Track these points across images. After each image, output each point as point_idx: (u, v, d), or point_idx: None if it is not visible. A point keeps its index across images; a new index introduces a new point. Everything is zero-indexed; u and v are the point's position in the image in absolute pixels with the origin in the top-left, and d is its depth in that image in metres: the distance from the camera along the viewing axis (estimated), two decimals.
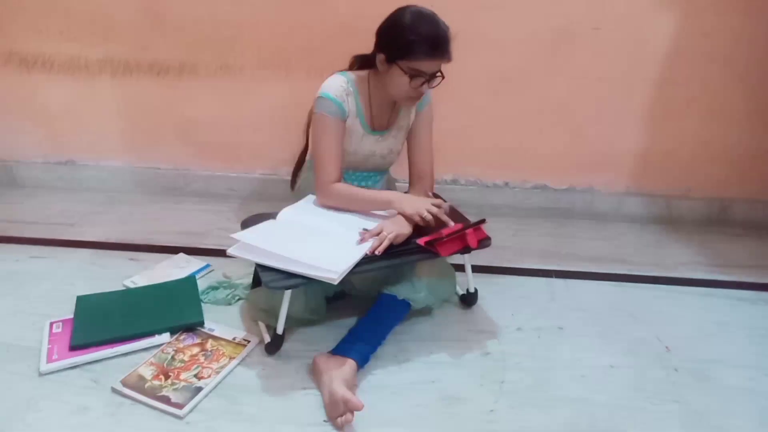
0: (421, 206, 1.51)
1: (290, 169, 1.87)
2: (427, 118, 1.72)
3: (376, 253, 1.43)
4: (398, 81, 1.51)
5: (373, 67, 1.59)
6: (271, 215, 1.61)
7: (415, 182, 1.73)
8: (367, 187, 1.76)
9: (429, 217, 1.50)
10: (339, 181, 1.61)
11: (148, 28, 2.21)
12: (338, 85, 1.58)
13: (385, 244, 1.44)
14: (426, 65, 1.49)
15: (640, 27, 2.05)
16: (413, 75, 1.49)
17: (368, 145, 1.68)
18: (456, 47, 2.10)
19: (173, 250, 2.01)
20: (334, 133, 1.58)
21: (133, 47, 2.26)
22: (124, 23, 2.22)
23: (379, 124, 1.68)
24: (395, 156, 1.76)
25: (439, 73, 1.53)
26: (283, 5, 2.12)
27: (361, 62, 1.65)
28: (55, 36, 2.26)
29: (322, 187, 1.61)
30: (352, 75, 1.63)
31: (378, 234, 1.47)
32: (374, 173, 1.77)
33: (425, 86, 1.53)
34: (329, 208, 1.63)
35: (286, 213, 1.62)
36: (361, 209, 1.60)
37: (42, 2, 2.21)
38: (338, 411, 1.30)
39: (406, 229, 1.50)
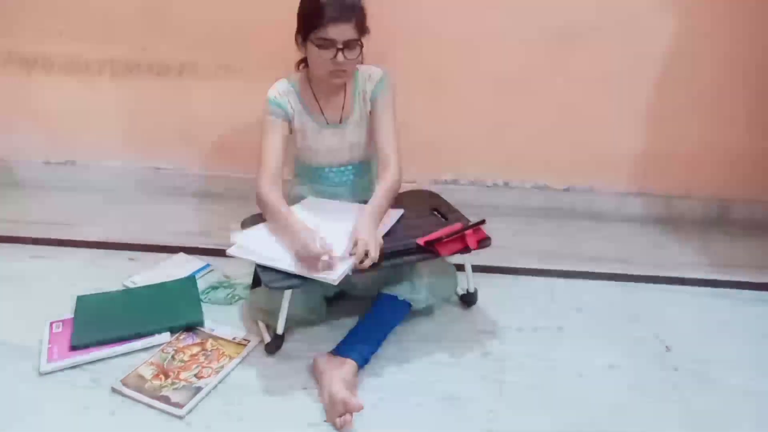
0: (299, 255, 1.41)
1: (290, 168, 1.87)
2: (385, 101, 1.66)
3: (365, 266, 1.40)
4: (314, 57, 1.55)
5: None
6: None
7: (381, 172, 1.65)
8: (350, 182, 1.74)
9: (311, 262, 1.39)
10: (275, 179, 1.61)
11: (148, 28, 2.21)
12: (278, 87, 1.66)
13: (370, 258, 1.40)
14: (333, 31, 1.48)
15: (640, 27, 2.05)
16: (323, 45, 1.50)
17: (327, 139, 1.69)
18: (456, 47, 2.11)
19: (173, 250, 2.01)
20: (274, 133, 1.64)
21: (133, 47, 2.25)
22: (124, 23, 2.21)
23: (333, 116, 1.69)
24: (363, 150, 1.73)
25: (356, 42, 1.52)
26: (283, 5, 2.11)
27: (304, 62, 1.68)
28: (55, 36, 2.26)
29: (257, 185, 1.60)
30: (294, 76, 1.68)
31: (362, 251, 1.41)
32: (351, 166, 1.75)
33: (340, 55, 1.50)
34: (327, 209, 1.64)
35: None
36: (272, 228, 1.55)
37: (42, 2, 2.21)
38: (338, 411, 1.30)
39: (375, 231, 1.47)
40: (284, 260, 1.40)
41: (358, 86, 1.67)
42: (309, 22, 1.51)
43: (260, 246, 1.45)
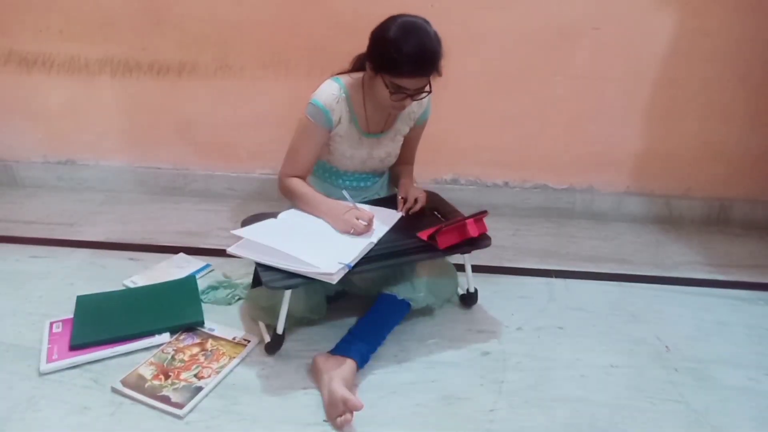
0: (348, 224, 1.52)
1: None
2: (422, 127, 1.77)
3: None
4: (381, 91, 1.50)
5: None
6: (271, 215, 1.61)
7: (403, 166, 1.81)
8: (366, 187, 1.76)
9: (360, 227, 1.51)
10: (303, 177, 1.66)
11: (148, 28, 2.21)
12: (330, 92, 1.57)
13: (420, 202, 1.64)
14: (408, 83, 1.46)
15: (640, 27, 2.05)
16: (394, 91, 1.47)
17: (365, 149, 1.68)
18: (456, 47, 2.11)
19: (173, 250, 2.01)
20: (312, 138, 1.61)
21: (133, 47, 2.25)
22: (124, 23, 2.21)
23: (375, 127, 1.67)
24: (393, 159, 1.76)
25: (426, 88, 1.50)
26: (283, 5, 2.12)
27: (362, 61, 1.63)
28: (55, 36, 2.26)
29: (281, 177, 1.66)
30: (346, 79, 1.61)
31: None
32: (373, 175, 1.77)
33: (408, 101, 1.51)
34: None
35: (287, 213, 1.62)
36: (301, 208, 1.63)
37: (42, 2, 2.21)
38: (337, 411, 1.30)
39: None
40: (284, 259, 1.40)
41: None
42: (387, 64, 1.45)
43: (260, 245, 1.45)
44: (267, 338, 1.55)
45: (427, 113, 1.73)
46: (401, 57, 1.42)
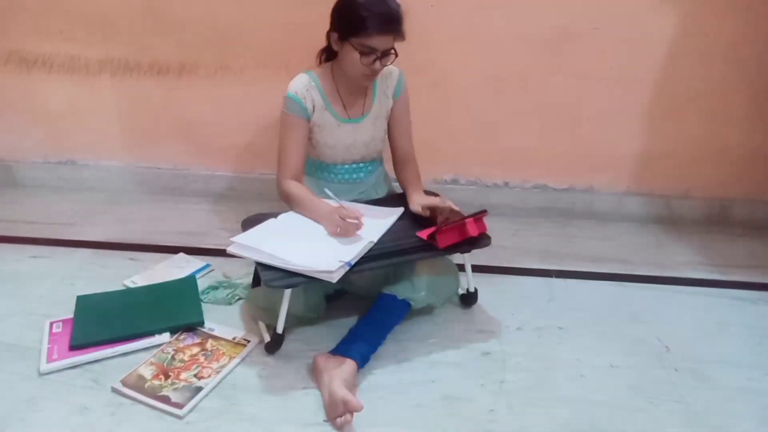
0: (334, 223, 1.51)
1: None
2: (405, 104, 1.76)
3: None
4: (351, 59, 1.54)
5: (335, 57, 1.64)
6: (271, 215, 1.61)
7: (404, 166, 1.78)
8: (360, 180, 1.76)
9: (348, 226, 1.50)
10: (297, 175, 1.67)
11: (148, 28, 2.21)
12: (299, 82, 1.64)
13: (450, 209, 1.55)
14: (377, 41, 1.51)
15: (640, 27, 2.05)
16: (364, 52, 1.52)
17: (346, 135, 1.70)
18: (456, 47, 2.12)
19: (173, 250, 2.01)
20: (294, 131, 1.65)
21: (133, 47, 2.25)
22: (124, 23, 2.21)
23: (353, 112, 1.70)
24: (380, 143, 1.77)
25: (392, 51, 1.55)
26: (283, 5, 2.12)
27: (327, 54, 1.70)
28: (55, 36, 2.26)
29: (277, 181, 1.68)
30: (316, 70, 1.68)
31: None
32: (363, 164, 1.77)
33: (378, 63, 1.55)
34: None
35: (288, 214, 1.62)
36: (299, 212, 1.63)
37: (42, 2, 2.21)
38: (338, 411, 1.30)
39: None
40: (284, 259, 1.40)
41: (377, 83, 1.70)
42: (352, 27, 1.51)
43: (261, 244, 1.45)
44: (267, 338, 1.55)
45: (401, 85, 1.73)
46: (370, 14, 1.48)
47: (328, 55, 1.69)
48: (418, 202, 1.61)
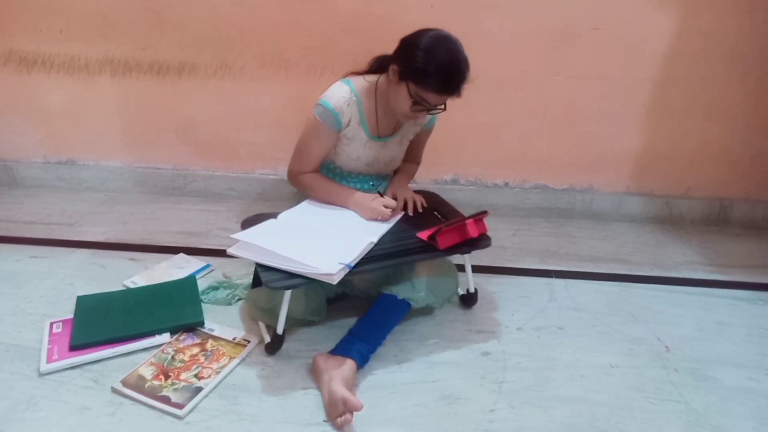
0: (376, 211, 1.60)
1: None
2: (429, 133, 1.80)
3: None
4: (402, 99, 1.51)
5: (384, 73, 1.58)
6: (271, 215, 1.61)
7: (405, 163, 1.83)
8: (368, 190, 1.76)
9: (387, 213, 1.60)
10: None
11: (148, 28, 2.21)
12: (340, 95, 1.57)
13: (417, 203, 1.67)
14: (432, 98, 1.48)
15: (640, 27, 2.05)
16: (417, 101, 1.49)
17: (372, 152, 1.68)
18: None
19: (173, 250, 2.01)
20: (321, 140, 1.62)
21: (133, 47, 2.26)
22: (124, 23, 2.22)
23: (383, 131, 1.68)
24: (397, 163, 1.78)
25: (442, 105, 1.52)
26: (283, 5, 2.12)
27: (379, 64, 1.64)
28: (55, 36, 2.26)
29: (291, 175, 1.69)
30: (358, 82, 1.61)
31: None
32: (377, 177, 1.77)
33: (424, 114, 1.55)
34: (328, 207, 1.65)
35: (287, 214, 1.63)
36: (321, 199, 1.67)
37: (42, 2, 2.21)
38: (337, 411, 1.30)
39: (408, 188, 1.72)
40: (285, 260, 1.40)
41: None
42: (414, 73, 1.45)
43: (260, 245, 1.45)
44: (267, 338, 1.55)
45: (434, 120, 1.74)
46: (435, 71, 1.43)
47: (382, 66, 1.61)
48: (391, 188, 1.71)
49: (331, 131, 1.60)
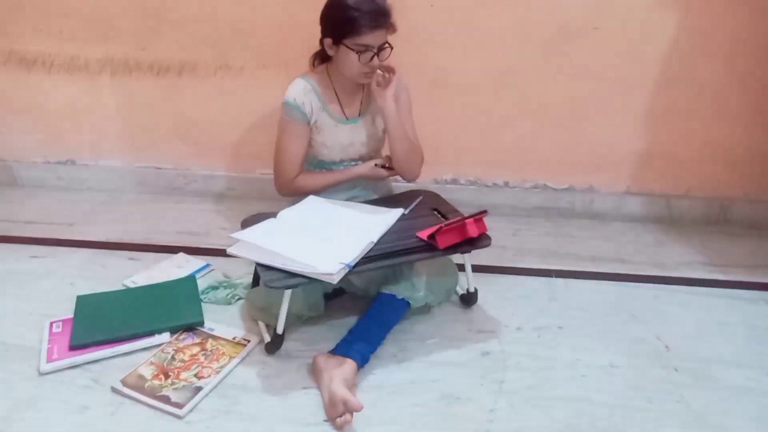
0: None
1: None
2: (404, 103, 1.75)
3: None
4: (348, 60, 1.57)
5: (329, 60, 1.65)
6: (271, 215, 1.61)
7: None
8: (357, 182, 1.77)
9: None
10: (292, 180, 1.71)
11: (148, 28, 2.21)
12: (296, 88, 1.66)
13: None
14: (370, 38, 1.54)
15: (640, 27, 2.05)
16: (360, 51, 1.54)
17: (344, 135, 1.72)
18: (456, 47, 2.12)
19: (173, 249, 2.01)
20: (294, 136, 1.68)
21: (133, 47, 2.25)
22: (124, 23, 2.22)
23: (350, 113, 1.72)
24: (378, 143, 1.79)
25: (386, 45, 1.58)
26: (283, 5, 2.12)
27: (320, 58, 1.72)
28: (55, 36, 2.26)
29: (282, 186, 1.73)
30: (311, 74, 1.70)
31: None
32: (360, 162, 1.77)
33: (375, 59, 1.58)
34: (329, 205, 1.66)
35: (287, 213, 1.62)
36: (323, 189, 1.71)
37: (42, 2, 2.21)
38: (337, 411, 1.30)
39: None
40: (284, 259, 1.40)
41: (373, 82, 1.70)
42: (344, 29, 1.54)
43: (260, 244, 1.45)
44: (267, 338, 1.55)
45: (399, 85, 1.70)
46: (360, 13, 1.51)
47: (321, 58, 1.71)
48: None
49: (300, 125, 1.67)
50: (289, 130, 1.68)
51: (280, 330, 1.51)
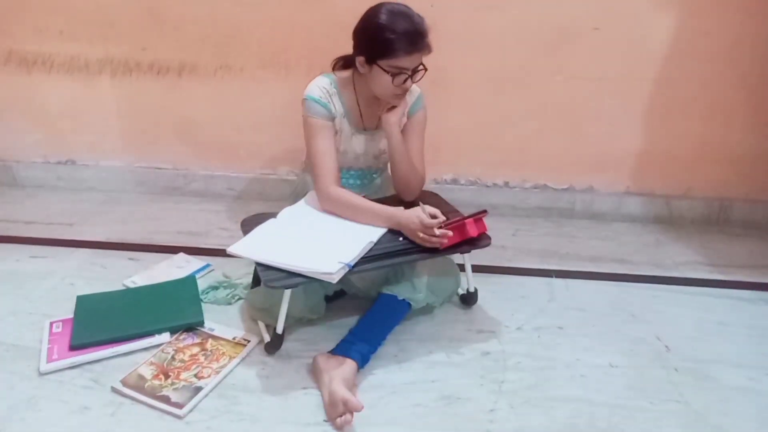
0: (418, 232, 1.46)
1: (290, 168, 1.87)
2: (420, 122, 1.70)
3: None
4: (381, 80, 1.52)
5: (354, 67, 1.59)
6: (271, 215, 1.61)
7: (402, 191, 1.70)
8: (363, 185, 1.76)
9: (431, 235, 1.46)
10: (337, 180, 1.61)
11: (148, 28, 2.21)
12: (321, 86, 1.60)
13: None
14: (406, 61, 1.49)
15: (640, 27, 2.05)
16: (395, 73, 1.50)
17: (358, 145, 1.68)
18: (456, 47, 2.12)
19: (173, 250, 2.01)
20: (323, 133, 1.59)
21: (133, 47, 2.26)
22: (124, 23, 2.22)
23: (369, 124, 1.68)
24: (387, 157, 1.75)
25: (420, 67, 1.53)
26: (283, 5, 2.12)
27: (343, 63, 1.66)
28: (55, 36, 2.26)
29: (322, 191, 1.59)
30: (335, 75, 1.64)
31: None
32: (368, 172, 1.77)
33: (409, 82, 1.53)
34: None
35: (287, 213, 1.62)
36: (361, 220, 1.56)
37: (42, 2, 2.21)
38: (338, 411, 1.30)
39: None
40: (285, 260, 1.40)
41: None
42: (379, 50, 1.48)
43: (261, 245, 1.45)
44: (267, 338, 1.55)
45: (419, 102, 1.69)
46: (397, 36, 1.46)
47: (346, 64, 1.64)
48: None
49: (326, 121, 1.60)
50: (315, 128, 1.58)
51: (279, 330, 1.51)
